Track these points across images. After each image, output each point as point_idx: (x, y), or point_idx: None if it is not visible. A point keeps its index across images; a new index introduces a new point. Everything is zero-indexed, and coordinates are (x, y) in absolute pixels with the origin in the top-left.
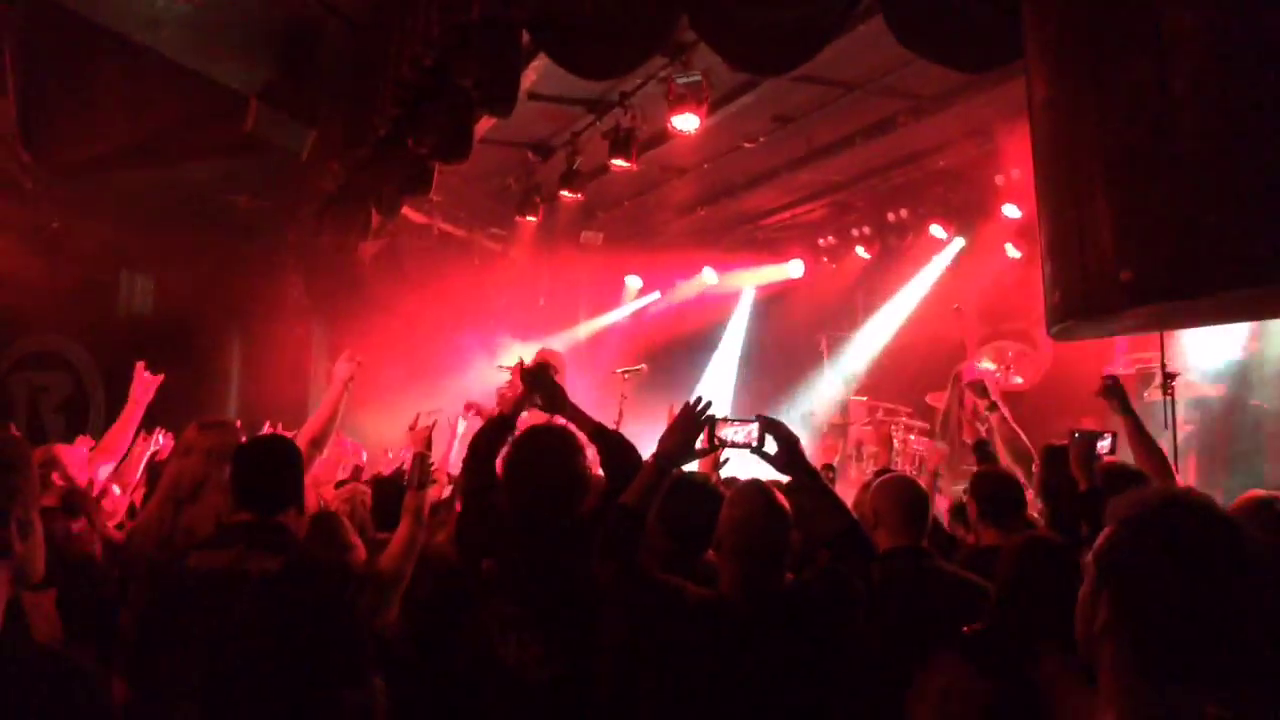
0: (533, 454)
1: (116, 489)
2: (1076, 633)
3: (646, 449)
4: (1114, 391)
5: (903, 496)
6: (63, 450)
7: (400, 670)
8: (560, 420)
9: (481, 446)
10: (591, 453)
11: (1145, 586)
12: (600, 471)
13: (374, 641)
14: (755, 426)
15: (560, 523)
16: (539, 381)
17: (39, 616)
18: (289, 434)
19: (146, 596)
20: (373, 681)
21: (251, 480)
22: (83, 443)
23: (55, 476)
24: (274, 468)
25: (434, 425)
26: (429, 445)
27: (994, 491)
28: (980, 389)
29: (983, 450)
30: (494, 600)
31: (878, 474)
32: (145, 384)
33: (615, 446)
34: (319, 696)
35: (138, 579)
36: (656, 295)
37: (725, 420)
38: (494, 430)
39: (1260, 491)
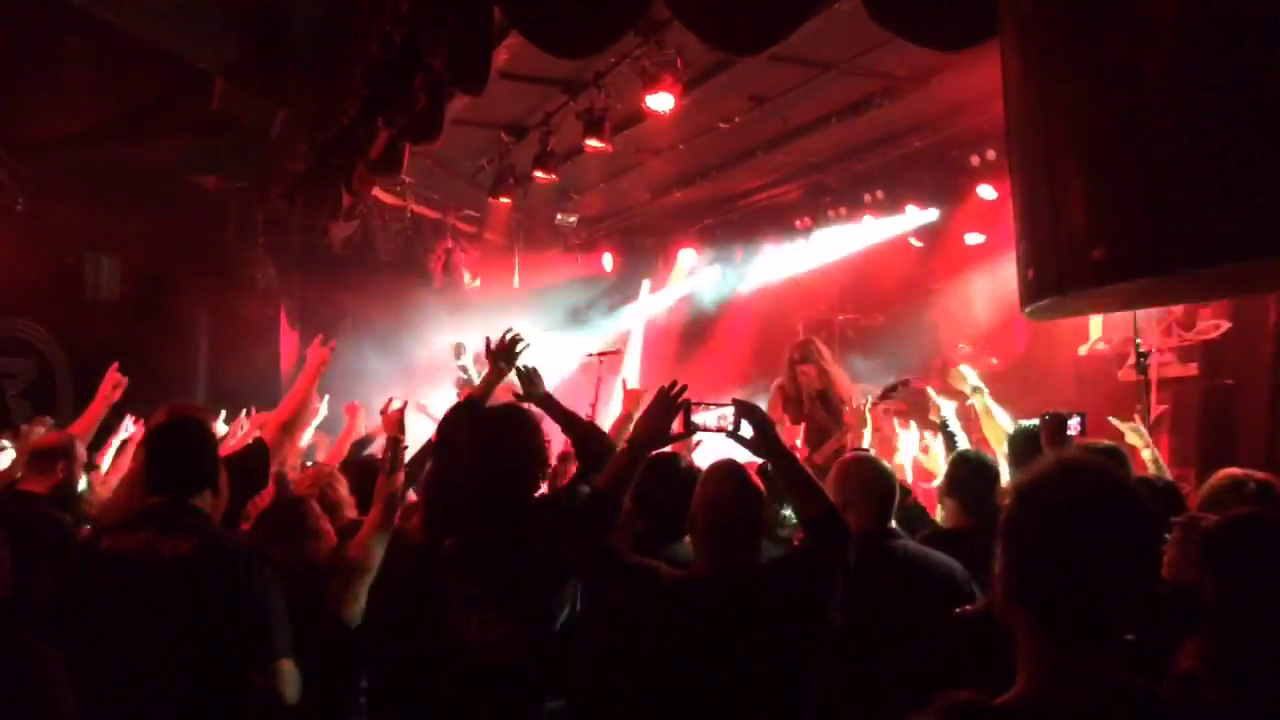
0: (489, 433)
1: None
2: (993, 602)
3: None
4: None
5: (868, 478)
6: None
7: (373, 655)
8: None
9: (449, 428)
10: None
11: (1038, 551)
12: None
13: (341, 627)
14: (730, 411)
15: (518, 501)
16: (511, 362)
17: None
18: (261, 418)
19: (60, 576)
20: (279, 665)
21: (165, 462)
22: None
23: (59, 467)
24: (187, 450)
25: (404, 408)
26: (402, 429)
27: (967, 474)
28: (959, 376)
29: (944, 429)
30: (455, 579)
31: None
32: (115, 383)
33: (586, 434)
34: (227, 678)
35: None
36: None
37: (700, 404)
38: (462, 412)
39: (1236, 470)
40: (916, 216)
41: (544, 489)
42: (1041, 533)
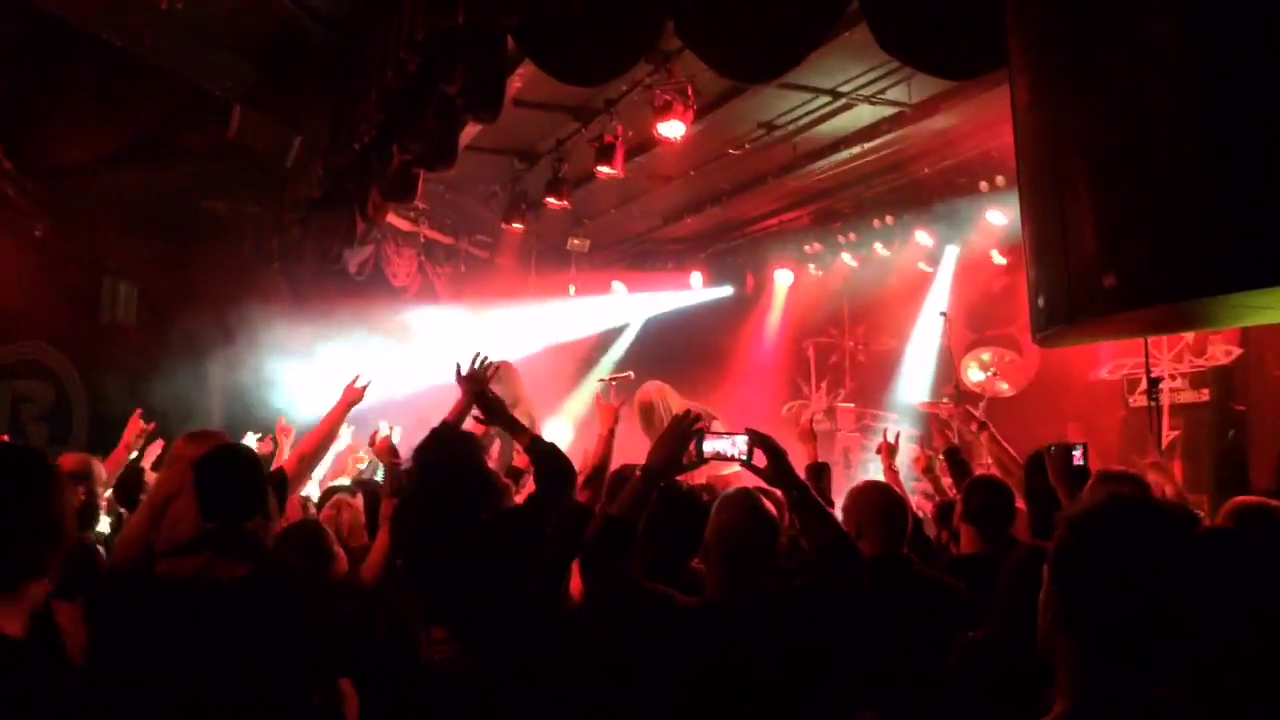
0: (430, 457)
1: None
2: (1037, 631)
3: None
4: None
5: (881, 504)
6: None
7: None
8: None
9: (419, 456)
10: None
11: (1090, 582)
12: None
13: (357, 647)
14: (744, 439)
15: (461, 519)
16: (479, 396)
17: (68, 625)
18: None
19: (113, 604)
20: (339, 686)
21: (216, 489)
22: None
23: (80, 490)
24: (238, 476)
25: (390, 435)
26: (395, 455)
27: (984, 498)
28: (965, 414)
29: (954, 458)
30: (406, 598)
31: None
32: (138, 431)
33: (544, 454)
34: (289, 700)
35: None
36: (646, 303)
37: (714, 433)
38: (432, 440)
39: (1250, 498)
40: (926, 242)
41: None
42: (1092, 564)
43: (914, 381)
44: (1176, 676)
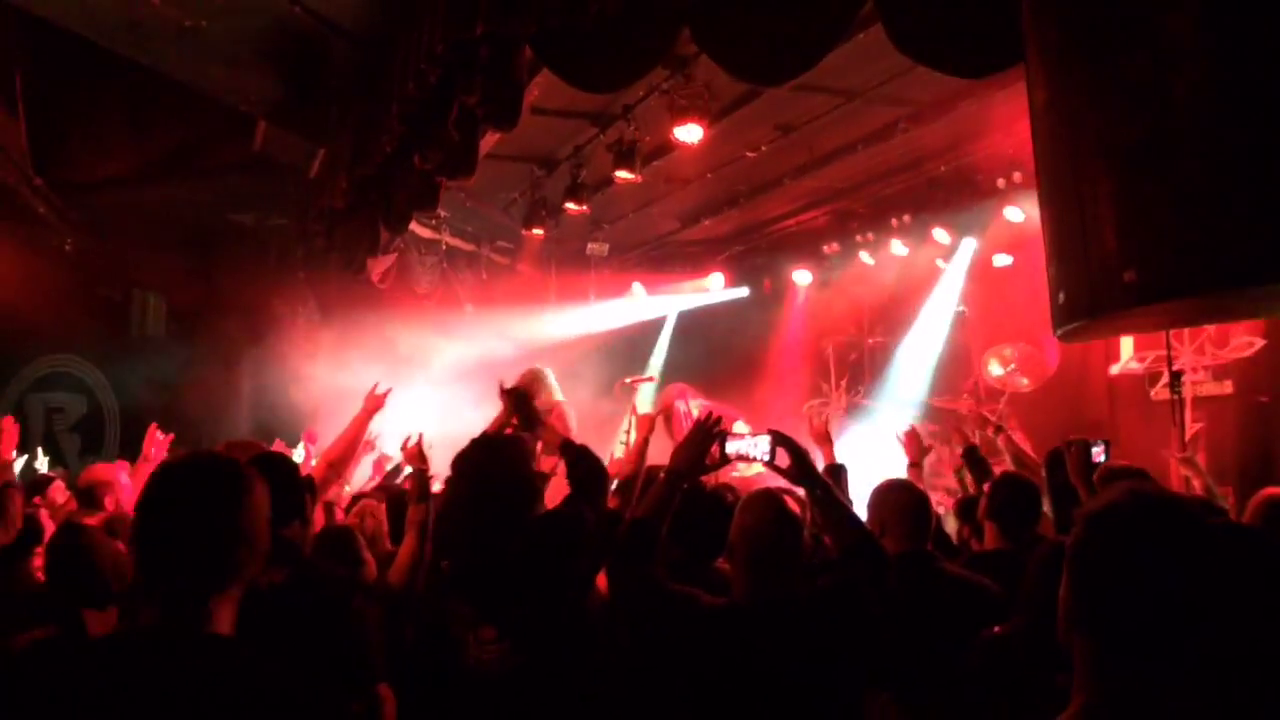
0: (478, 459)
1: None
2: (1058, 627)
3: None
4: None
5: (905, 502)
6: (116, 473)
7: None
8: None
9: (460, 463)
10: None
11: (1105, 578)
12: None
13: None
14: (766, 440)
15: (507, 522)
16: (519, 402)
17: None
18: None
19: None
20: (377, 691)
21: None
22: (120, 467)
23: (109, 500)
24: (278, 483)
25: (420, 440)
26: (424, 459)
27: (1008, 495)
28: (981, 420)
29: (972, 456)
30: (453, 600)
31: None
32: (157, 443)
33: (578, 459)
34: (326, 707)
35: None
36: (666, 304)
37: (736, 434)
38: (473, 447)
39: (1276, 490)
40: (944, 239)
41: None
42: (1107, 561)
43: (933, 379)
44: (1195, 674)
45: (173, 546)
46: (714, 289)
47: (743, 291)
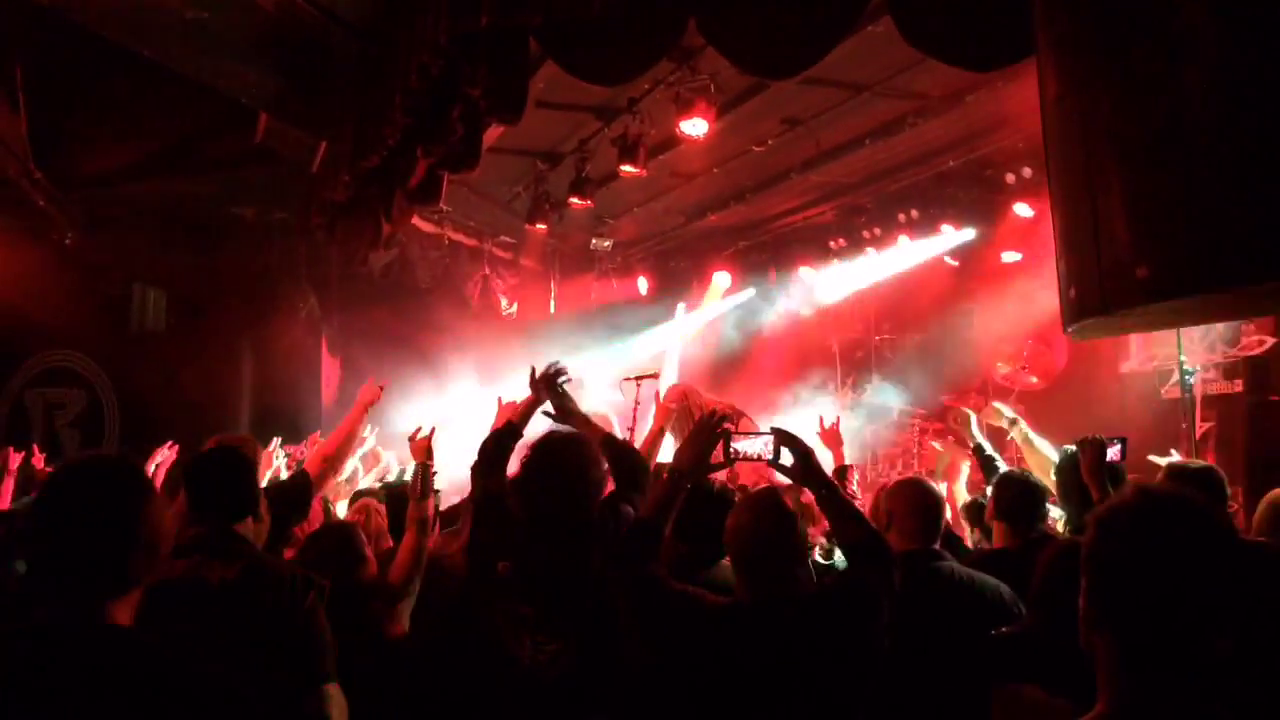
0: (551, 458)
1: None
2: (1079, 628)
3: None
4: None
5: (917, 499)
6: None
7: (415, 678)
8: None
9: (492, 454)
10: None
11: (1121, 579)
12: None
13: (383, 650)
14: (770, 439)
15: (573, 525)
16: (551, 390)
17: None
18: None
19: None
20: (327, 689)
21: (205, 491)
22: None
23: None
24: (227, 478)
25: (431, 435)
26: (430, 456)
27: (1015, 494)
28: (995, 413)
29: (981, 454)
30: (507, 602)
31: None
32: (167, 457)
33: (622, 454)
34: (279, 703)
35: None
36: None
37: (740, 433)
38: (503, 438)
39: None
40: (952, 235)
41: None
42: (1123, 561)
43: (942, 376)
44: (1217, 674)
45: (66, 549)
46: (720, 286)
47: (747, 288)
